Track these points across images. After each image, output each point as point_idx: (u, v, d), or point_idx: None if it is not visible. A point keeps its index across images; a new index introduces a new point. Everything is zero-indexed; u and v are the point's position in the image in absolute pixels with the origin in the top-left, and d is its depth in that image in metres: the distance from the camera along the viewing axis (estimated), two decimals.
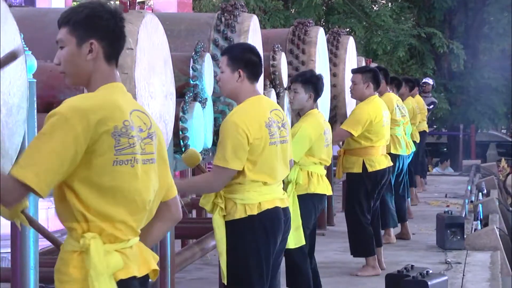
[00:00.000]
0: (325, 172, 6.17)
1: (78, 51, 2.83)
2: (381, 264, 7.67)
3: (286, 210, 4.60)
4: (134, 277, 2.84)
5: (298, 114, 7.43)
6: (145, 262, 2.91)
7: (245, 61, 4.46)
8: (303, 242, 5.77)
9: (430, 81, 14.04)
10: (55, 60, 2.89)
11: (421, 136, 12.03)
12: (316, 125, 6.04)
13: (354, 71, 7.85)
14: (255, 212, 4.41)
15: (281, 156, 4.57)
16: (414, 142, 10.53)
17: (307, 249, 5.97)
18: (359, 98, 7.68)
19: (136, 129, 2.84)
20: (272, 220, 4.46)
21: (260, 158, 4.43)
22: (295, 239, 5.71)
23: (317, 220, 6.25)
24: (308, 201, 5.93)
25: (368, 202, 7.43)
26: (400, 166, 9.28)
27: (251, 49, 4.57)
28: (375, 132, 7.45)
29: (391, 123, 8.65)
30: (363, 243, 7.42)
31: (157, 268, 2.96)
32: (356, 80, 7.59)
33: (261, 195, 4.45)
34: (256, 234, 4.41)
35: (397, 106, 9.14)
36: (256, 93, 4.53)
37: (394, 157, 8.86)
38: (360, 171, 7.39)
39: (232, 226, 4.45)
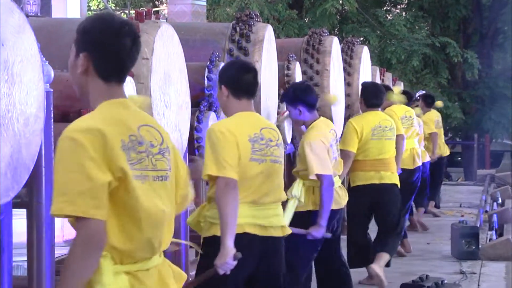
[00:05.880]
0: (337, 183, 5.98)
1: (75, 63, 2.76)
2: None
3: (268, 240, 4.35)
4: None
5: None
6: (164, 287, 2.77)
7: (226, 78, 4.40)
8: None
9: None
10: None
11: None
12: (318, 136, 5.72)
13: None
14: (218, 233, 4.21)
15: (271, 176, 4.38)
16: None
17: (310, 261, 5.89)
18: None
19: (146, 144, 2.73)
20: (239, 246, 4.16)
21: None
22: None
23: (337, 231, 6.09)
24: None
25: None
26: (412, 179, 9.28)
27: (240, 66, 4.49)
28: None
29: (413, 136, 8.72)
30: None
31: None
32: None
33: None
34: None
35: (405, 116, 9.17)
36: (246, 110, 4.40)
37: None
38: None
39: (203, 244, 4.36)
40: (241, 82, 4.38)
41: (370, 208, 7.40)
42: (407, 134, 8.89)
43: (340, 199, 5.98)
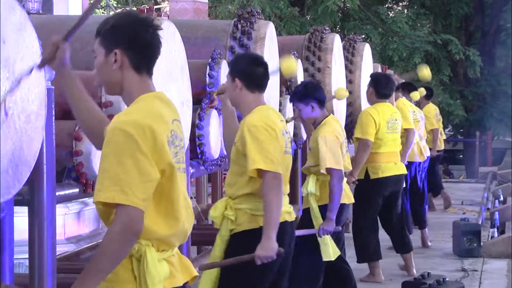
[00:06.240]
0: (344, 179, 6.03)
1: (106, 61, 2.85)
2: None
3: (293, 224, 4.51)
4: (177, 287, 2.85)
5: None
6: (186, 268, 2.92)
7: (239, 70, 4.39)
8: (338, 252, 5.73)
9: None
10: (94, 70, 2.92)
11: None
12: (332, 131, 5.84)
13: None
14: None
15: (288, 168, 4.50)
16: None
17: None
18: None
19: (178, 138, 2.86)
20: (280, 235, 4.26)
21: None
22: (333, 250, 5.68)
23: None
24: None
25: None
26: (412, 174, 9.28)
27: (253, 59, 4.51)
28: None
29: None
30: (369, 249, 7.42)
31: (197, 274, 2.97)
32: None
33: None
34: None
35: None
36: (262, 103, 4.42)
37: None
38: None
39: (240, 237, 4.35)
40: (254, 75, 4.40)
41: (385, 199, 7.45)
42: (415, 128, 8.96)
43: (351, 194, 6.10)
